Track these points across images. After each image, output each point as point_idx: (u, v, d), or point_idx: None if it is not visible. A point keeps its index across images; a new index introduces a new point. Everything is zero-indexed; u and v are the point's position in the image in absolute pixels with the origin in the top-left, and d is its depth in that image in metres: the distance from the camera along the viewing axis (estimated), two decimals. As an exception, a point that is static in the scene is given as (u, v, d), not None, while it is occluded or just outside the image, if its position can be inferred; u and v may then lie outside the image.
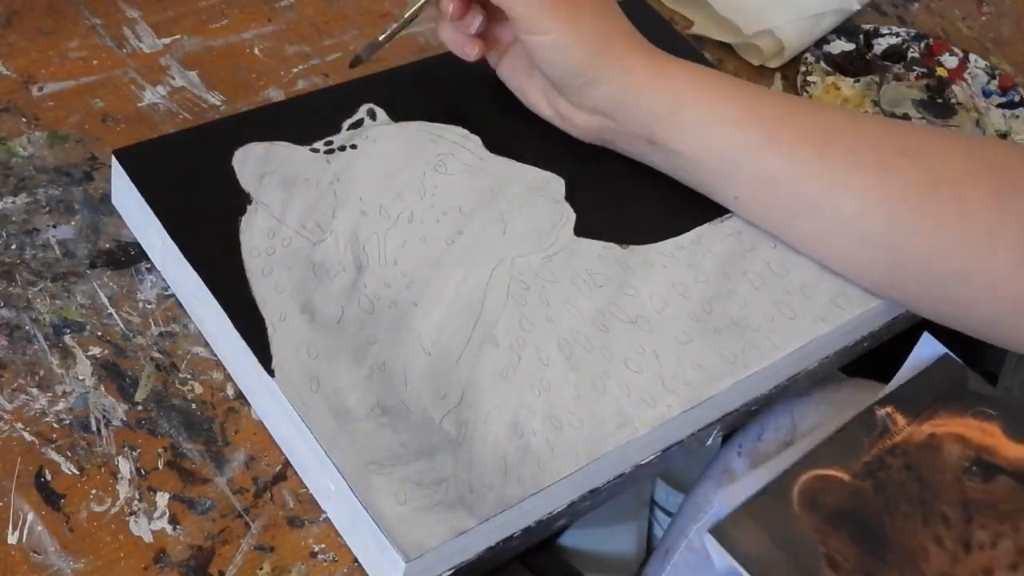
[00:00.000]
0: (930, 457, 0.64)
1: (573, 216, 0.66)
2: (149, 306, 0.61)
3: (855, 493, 0.63)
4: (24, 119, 0.67)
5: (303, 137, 0.65)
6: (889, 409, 0.66)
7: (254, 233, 0.60)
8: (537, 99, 0.69)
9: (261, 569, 0.53)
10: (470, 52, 0.67)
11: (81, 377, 0.57)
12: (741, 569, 0.59)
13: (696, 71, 0.66)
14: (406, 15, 0.66)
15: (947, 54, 0.92)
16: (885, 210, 0.62)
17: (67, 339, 0.58)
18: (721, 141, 0.64)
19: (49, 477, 0.54)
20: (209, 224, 0.60)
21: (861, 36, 0.91)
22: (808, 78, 0.86)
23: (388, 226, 0.63)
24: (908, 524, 0.62)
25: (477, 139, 0.68)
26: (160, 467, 0.55)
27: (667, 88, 0.64)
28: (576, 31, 0.63)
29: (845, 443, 0.64)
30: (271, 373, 0.55)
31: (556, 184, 0.67)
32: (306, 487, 0.56)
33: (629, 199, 0.68)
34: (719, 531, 0.61)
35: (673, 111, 0.64)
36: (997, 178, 0.62)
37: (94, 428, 0.56)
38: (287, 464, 0.57)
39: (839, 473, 0.63)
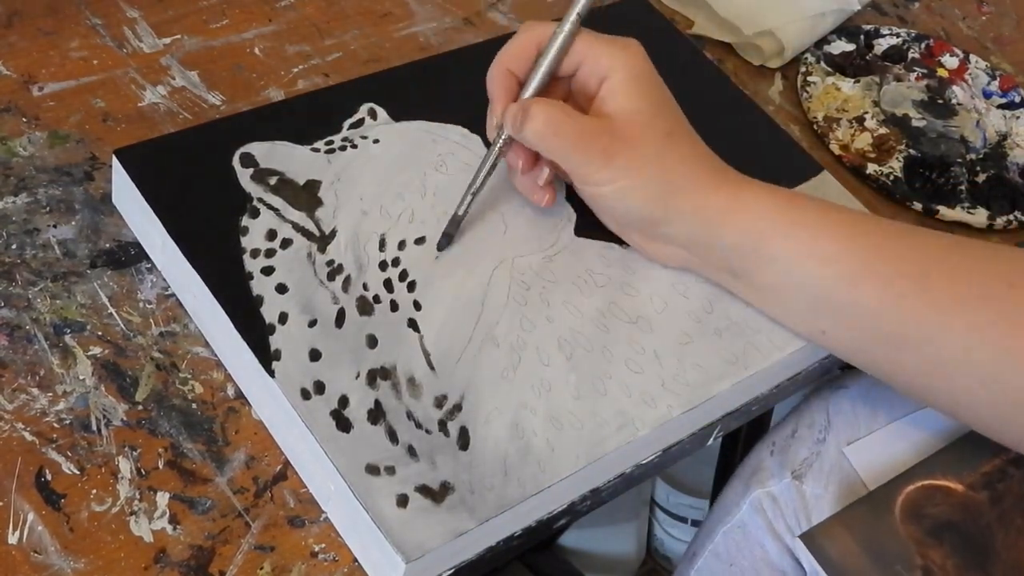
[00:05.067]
0: None
1: (574, 216, 0.66)
2: (149, 306, 0.61)
3: (966, 504, 0.61)
4: (25, 119, 0.67)
5: (304, 137, 0.65)
6: None
7: (254, 233, 0.60)
8: (617, 230, 0.65)
9: (261, 569, 0.53)
10: (541, 199, 0.64)
11: (81, 377, 0.57)
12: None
13: (778, 197, 0.61)
14: (478, 181, 0.62)
15: (947, 54, 0.92)
16: (992, 345, 0.57)
17: (67, 339, 0.58)
18: (811, 275, 0.59)
19: (49, 477, 0.54)
20: (209, 224, 0.60)
21: (861, 36, 0.91)
22: (808, 78, 0.86)
23: (389, 226, 0.63)
24: (1021, 539, 0.60)
25: (477, 139, 0.68)
26: (160, 467, 0.55)
27: (746, 221, 0.60)
28: (636, 177, 0.60)
29: (964, 453, 0.62)
30: (271, 373, 0.55)
31: (557, 184, 0.67)
32: (306, 487, 0.56)
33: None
34: (809, 538, 0.60)
35: (756, 246, 0.60)
36: None
37: (94, 428, 0.56)
38: (287, 464, 0.57)
39: (951, 484, 0.61)
